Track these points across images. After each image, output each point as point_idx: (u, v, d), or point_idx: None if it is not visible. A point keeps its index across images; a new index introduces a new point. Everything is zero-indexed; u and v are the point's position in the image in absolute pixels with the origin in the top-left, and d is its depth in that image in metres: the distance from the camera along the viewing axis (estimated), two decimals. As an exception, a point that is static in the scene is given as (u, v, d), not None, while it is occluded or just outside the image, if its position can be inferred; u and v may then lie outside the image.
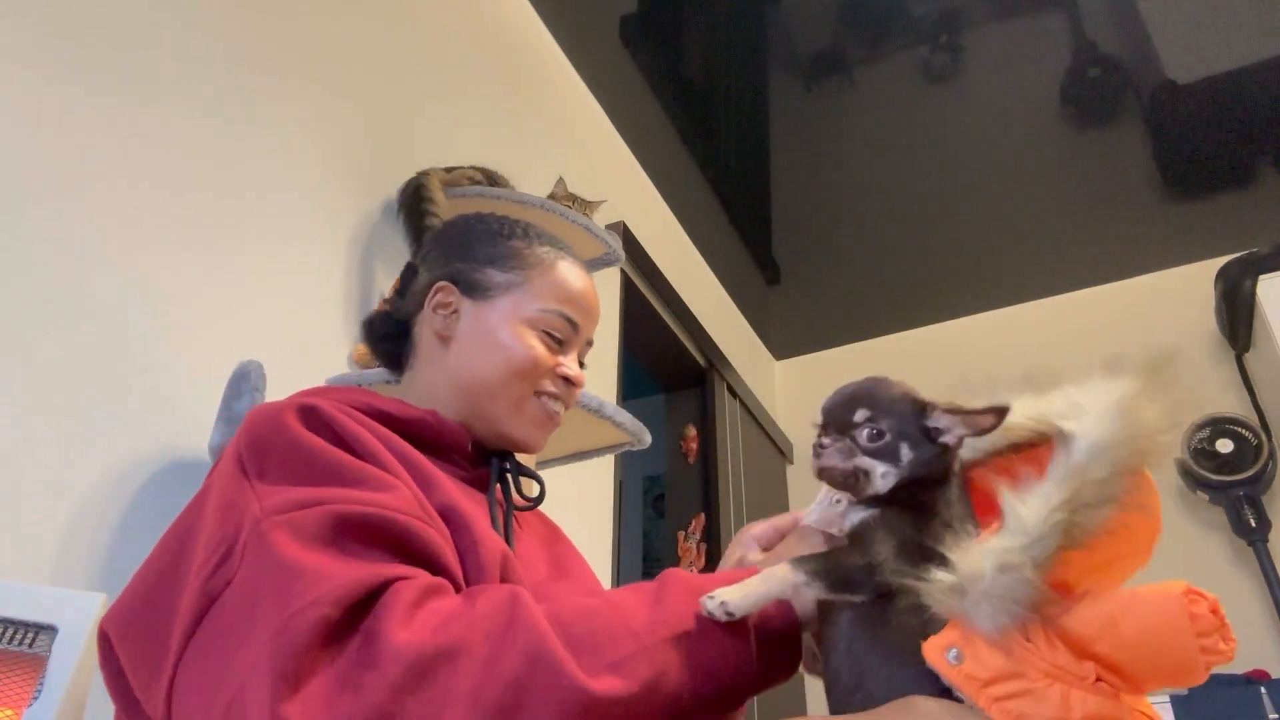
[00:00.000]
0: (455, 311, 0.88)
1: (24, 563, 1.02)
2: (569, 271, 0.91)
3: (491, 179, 1.83)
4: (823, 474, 0.65)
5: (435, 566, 0.61)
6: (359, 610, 0.54)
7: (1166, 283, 3.46)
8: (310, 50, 1.70)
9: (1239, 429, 2.95)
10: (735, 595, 0.61)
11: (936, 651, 0.54)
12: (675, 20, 2.64)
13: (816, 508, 0.74)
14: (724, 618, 0.60)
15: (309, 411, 0.68)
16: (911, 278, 3.59)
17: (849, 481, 0.64)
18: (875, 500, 0.64)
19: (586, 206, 1.99)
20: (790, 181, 3.16)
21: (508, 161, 1.97)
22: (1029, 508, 0.56)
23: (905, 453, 0.63)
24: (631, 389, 2.96)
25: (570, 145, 2.63)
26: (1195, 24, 2.55)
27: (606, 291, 2.59)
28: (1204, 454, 2.95)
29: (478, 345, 0.86)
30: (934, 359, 3.66)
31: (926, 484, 0.63)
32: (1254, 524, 2.83)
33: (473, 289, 0.89)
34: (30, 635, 0.84)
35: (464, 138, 2.06)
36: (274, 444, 0.65)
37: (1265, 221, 3.16)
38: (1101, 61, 2.70)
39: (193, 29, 1.46)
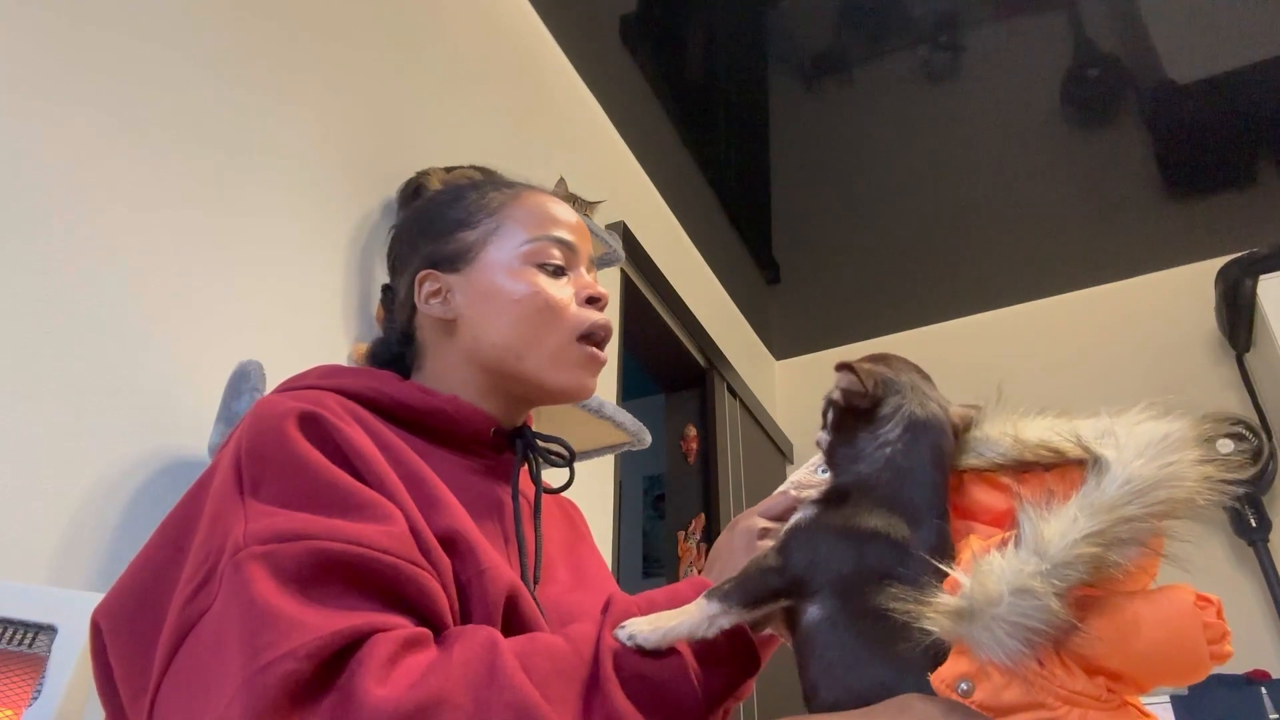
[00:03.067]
0: (448, 292, 0.82)
1: (24, 563, 1.01)
2: (538, 197, 0.85)
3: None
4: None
5: (422, 612, 0.58)
6: (334, 665, 0.51)
7: (1166, 283, 3.46)
8: (310, 50, 1.70)
9: (1239, 429, 2.95)
10: (645, 628, 0.60)
11: (946, 686, 0.51)
12: (675, 20, 2.64)
13: (801, 470, 0.77)
14: (635, 649, 0.59)
15: (311, 421, 0.65)
16: (911, 278, 3.58)
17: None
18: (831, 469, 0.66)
19: (586, 206, 1.99)
20: (790, 181, 3.16)
21: (508, 161, 1.97)
22: (1052, 529, 0.52)
23: (830, 417, 0.66)
24: (631, 389, 2.96)
25: (570, 145, 2.63)
26: (1195, 24, 2.55)
27: (607, 291, 2.59)
28: (1204, 454, 2.95)
29: (484, 310, 0.80)
30: (934, 359, 3.62)
31: (848, 452, 0.64)
32: (1254, 524, 2.83)
33: (453, 261, 0.83)
34: (30, 635, 0.84)
35: (464, 138, 2.06)
36: (272, 456, 0.62)
37: (1265, 221, 3.16)
38: (1101, 61, 2.70)
39: (192, 28, 1.45)
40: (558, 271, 0.82)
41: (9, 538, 1.01)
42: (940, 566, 0.54)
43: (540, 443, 0.85)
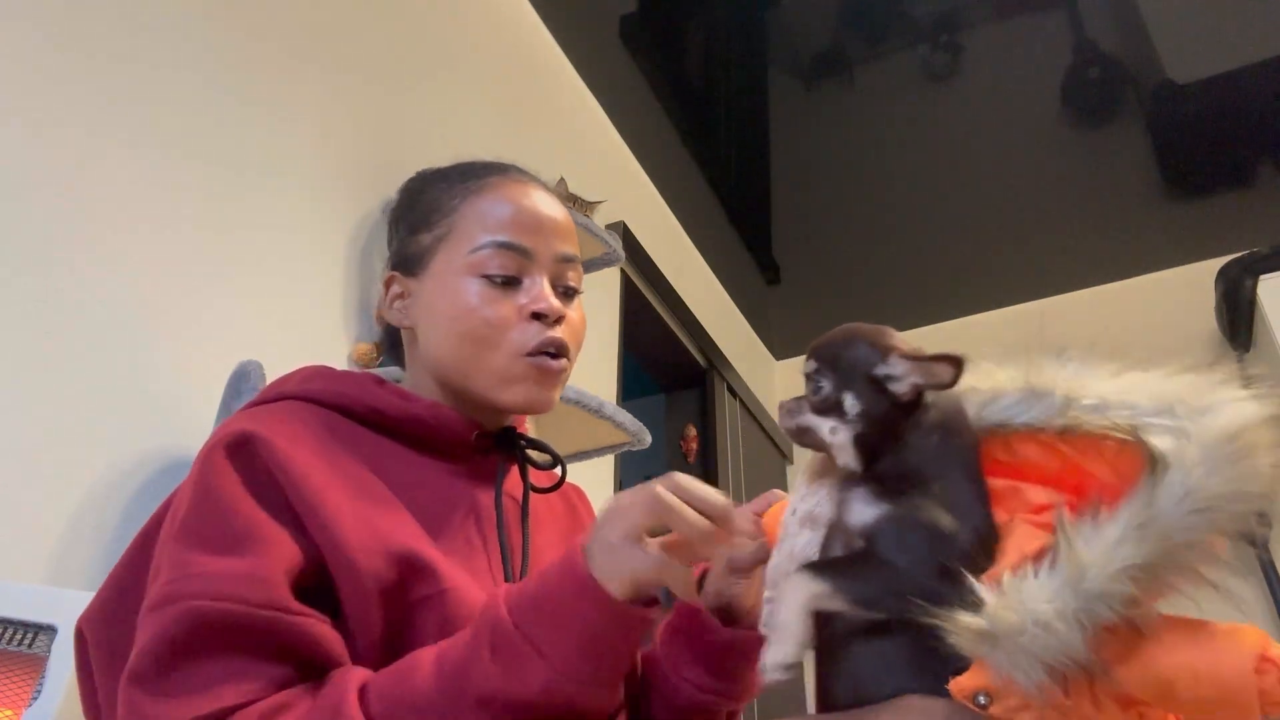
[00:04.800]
0: (408, 298, 0.79)
1: (23, 563, 1.01)
2: (500, 191, 0.78)
3: (491, 179, 1.82)
4: (781, 426, 0.60)
5: (304, 656, 0.58)
6: None
7: (1166, 283, 3.46)
8: (311, 51, 1.70)
9: (1239, 429, 2.95)
10: (771, 657, 0.53)
11: (963, 695, 0.49)
12: (675, 20, 2.64)
13: (796, 533, 0.60)
14: (786, 675, 0.53)
15: (241, 447, 0.64)
16: (912, 278, 3.58)
17: (807, 441, 0.58)
18: (850, 477, 0.57)
19: (586, 207, 1.99)
20: (790, 181, 3.16)
21: (508, 161, 1.97)
22: (1091, 554, 0.46)
23: (851, 405, 0.55)
24: (631, 389, 2.96)
25: (570, 145, 2.63)
26: (1195, 24, 2.55)
27: (606, 291, 2.59)
28: (1204, 454, 2.95)
29: (430, 325, 0.77)
30: (934, 359, 3.65)
31: (886, 441, 0.55)
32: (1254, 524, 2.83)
33: (411, 265, 0.79)
34: (30, 635, 0.84)
35: (464, 138, 2.06)
36: (194, 488, 0.63)
37: (1265, 221, 3.16)
38: (1101, 61, 2.70)
39: (192, 29, 1.45)
40: (507, 282, 0.75)
41: (9, 538, 1.01)
42: (970, 582, 0.48)
43: (526, 445, 0.82)
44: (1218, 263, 3.10)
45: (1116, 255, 3.44)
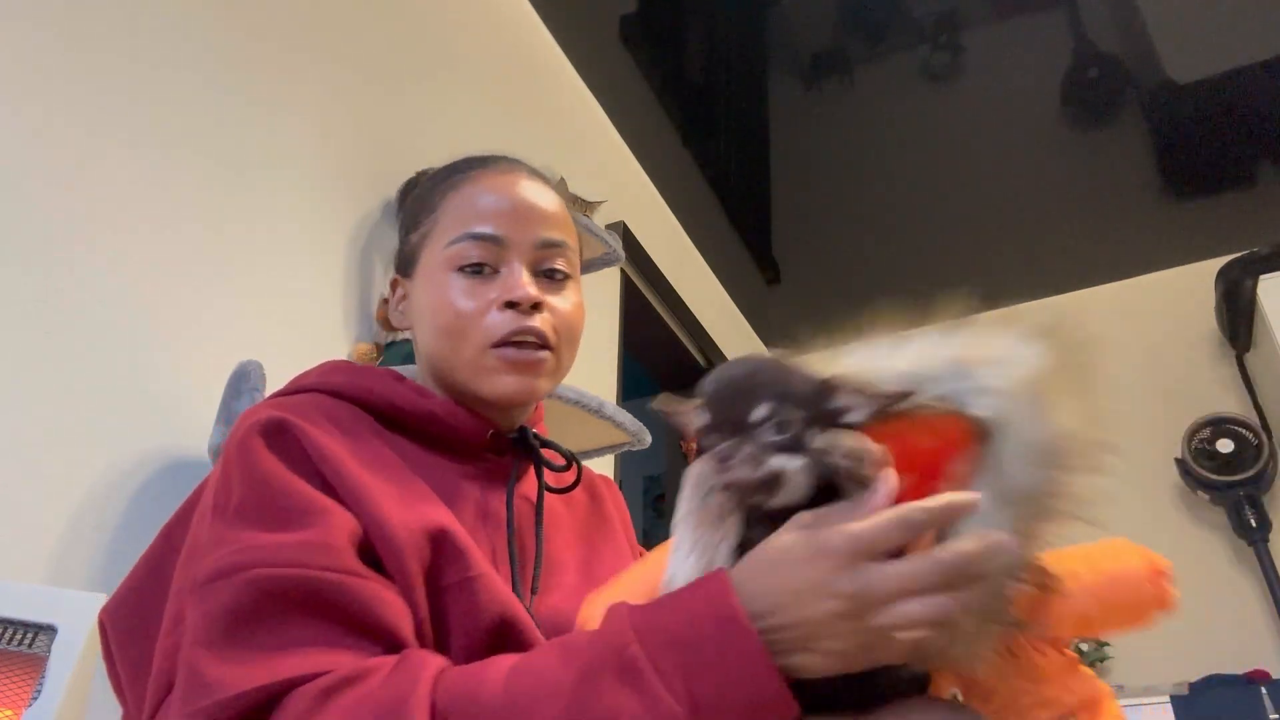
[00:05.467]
0: (407, 298, 0.81)
1: (24, 563, 1.01)
2: (478, 183, 0.78)
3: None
4: (730, 488, 0.52)
5: (369, 625, 0.56)
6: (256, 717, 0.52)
7: (1166, 283, 3.46)
8: (310, 50, 1.70)
9: (1239, 429, 2.95)
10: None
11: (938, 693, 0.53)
12: (675, 20, 2.64)
13: (691, 559, 0.54)
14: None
15: (276, 429, 0.64)
16: (911, 277, 3.58)
17: (761, 490, 0.51)
18: (783, 512, 0.52)
19: (586, 207, 1.99)
20: (790, 181, 3.16)
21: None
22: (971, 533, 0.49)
23: (815, 442, 0.51)
24: (631, 389, 2.96)
25: (570, 145, 2.63)
26: (1195, 24, 2.55)
27: (606, 291, 2.59)
28: (1204, 454, 2.96)
29: (420, 323, 0.78)
30: (934, 359, 3.65)
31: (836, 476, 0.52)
32: (1254, 524, 2.83)
33: (405, 266, 0.80)
34: (30, 635, 0.84)
35: (464, 138, 2.06)
36: (235, 470, 0.63)
37: (1265, 221, 3.16)
38: (1101, 61, 2.70)
39: (192, 29, 1.45)
40: (480, 271, 0.74)
41: (9, 538, 1.01)
42: None
43: (541, 445, 0.81)
44: (1218, 263, 3.10)
45: (1116, 255, 3.44)
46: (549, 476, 0.81)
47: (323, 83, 1.70)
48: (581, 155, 2.68)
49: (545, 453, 0.81)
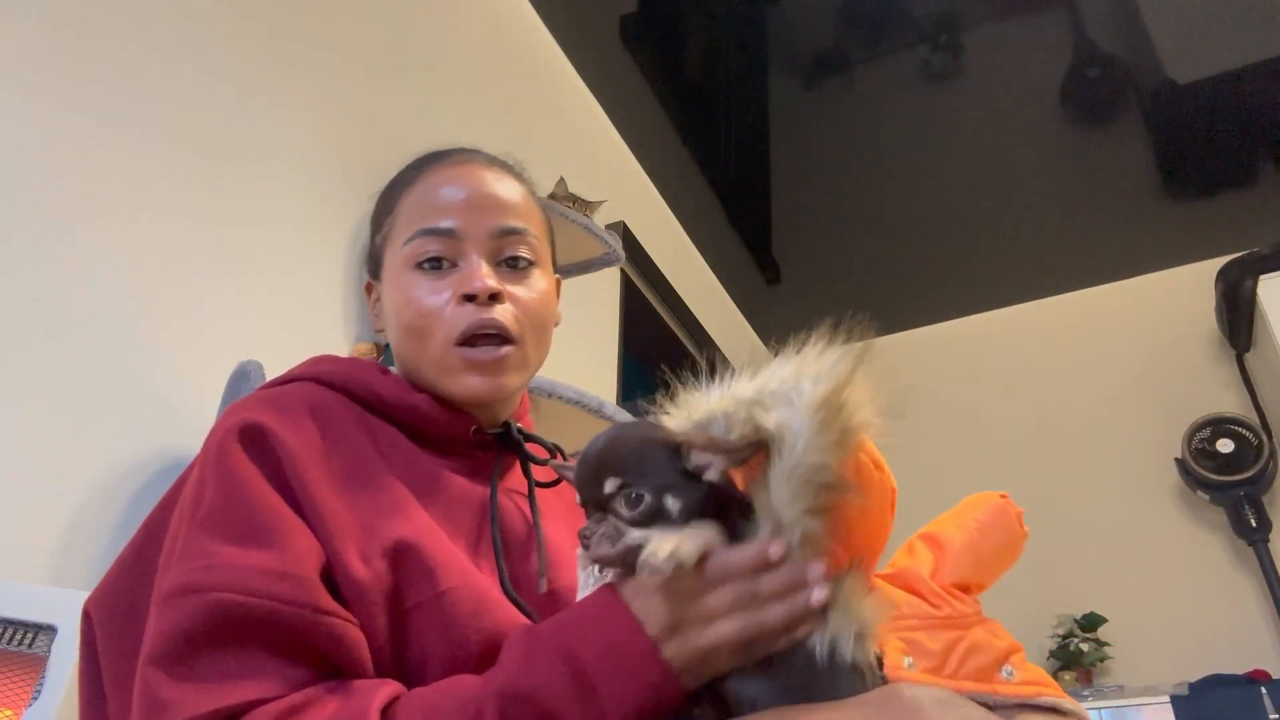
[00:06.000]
0: (379, 300, 0.81)
1: (24, 563, 1.01)
2: (431, 179, 0.77)
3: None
4: (600, 563, 0.56)
5: (325, 659, 0.57)
6: None
7: (1166, 283, 3.46)
8: (310, 51, 1.70)
9: (1239, 429, 2.95)
10: (679, 544, 0.52)
11: (897, 669, 0.57)
12: (675, 20, 2.64)
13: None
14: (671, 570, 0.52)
15: (252, 434, 0.63)
16: (912, 278, 3.58)
17: (626, 563, 0.54)
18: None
19: (586, 206, 1.99)
20: (790, 181, 3.16)
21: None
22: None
23: (672, 505, 0.55)
24: (631, 389, 2.96)
25: (570, 145, 2.63)
26: (1195, 24, 2.55)
27: (606, 291, 2.59)
28: (1204, 454, 2.96)
29: (389, 323, 0.77)
30: (935, 360, 3.66)
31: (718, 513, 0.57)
32: (1254, 524, 2.83)
33: (374, 268, 0.81)
34: (30, 635, 0.84)
35: (464, 138, 2.05)
36: (211, 475, 0.62)
37: (1265, 221, 3.16)
38: (1101, 61, 2.70)
39: (192, 29, 1.45)
40: (438, 265, 0.74)
41: (9, 538, 1.01)
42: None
43: (526, 440, 0.80)
44: (1218, 263, 3.10)
45: (1116, 255, 3.44)
46: (535, 471, 0.80)
47: (323, 83, 1.70)
48: (581, 155, 2.68)
49: (530, 447, 0.80)
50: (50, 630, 0.84)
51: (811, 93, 2.84)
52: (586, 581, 0.61)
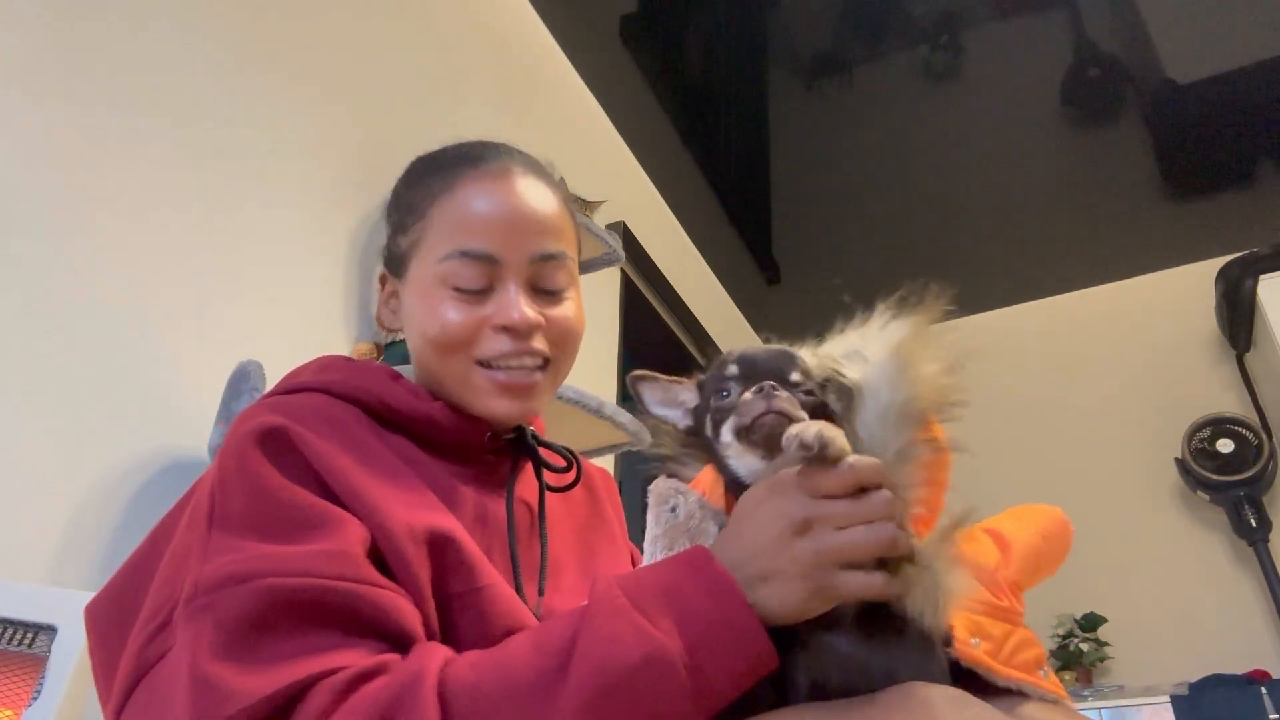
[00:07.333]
0: (397, 298, 0.78)
1: (24, 563, 1.01)
2: (468, 190, 0.73)
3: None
4: (765, 418, 0.57)
5: (384, 631, 0.56)
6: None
7: (1166, 283, 3.46)
8: (309, 52, 1.70)
9: (1239, 429, 2.95)
10: (827, 430, 0.53)
11: (964, 644, 0.58)
12: (675, 20, 2.64)
13: (659, 530, 0.62)
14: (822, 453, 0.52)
15: (274, 436, 0.62)
16: (912, 278, 3.58)
17: (774, 437, 0.56)
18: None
19: (586, 206, 1.99)
20: (790, 181, 3.16)
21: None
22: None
23: (832, 405, 0.61)
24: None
25: (570, 145, 2.62)
26: (1195, 24, 2.55)
27: (606, 291, 2.59)
28: (1204, 454, 2.96)
29: (410, 328, 0.76)
30: (934, 359, 3.65)
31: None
32: (1254, 524, 2.84)
33: (396, 266, 0.77)
34: (30, 635, 0.84)
35: (464, 138, 2.06)
36: (233, 480, 0.61)
37: (1265, 221, 3.16)
38: (1101, 61, 2.70)
39: (192, 32, 1.45)
40: (473, 293, 0.71)
41: (9, 538, 1.01)
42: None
43: (540, 445, 0.79)
44: (1218, 263, 3.11)
45: (1116, 255, 3.44)
46: (548, 475, 0.79)
47: (323, 83, 1.70)
48: (581, 155, 2.68)
49: (544, 453, 0.80)
50: (50, 630, 0.84)
51: (811, 93, 2.84)
52: (659, 517, 0.63)
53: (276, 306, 1.47)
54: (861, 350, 0.60)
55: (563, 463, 0.80)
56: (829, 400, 0.60)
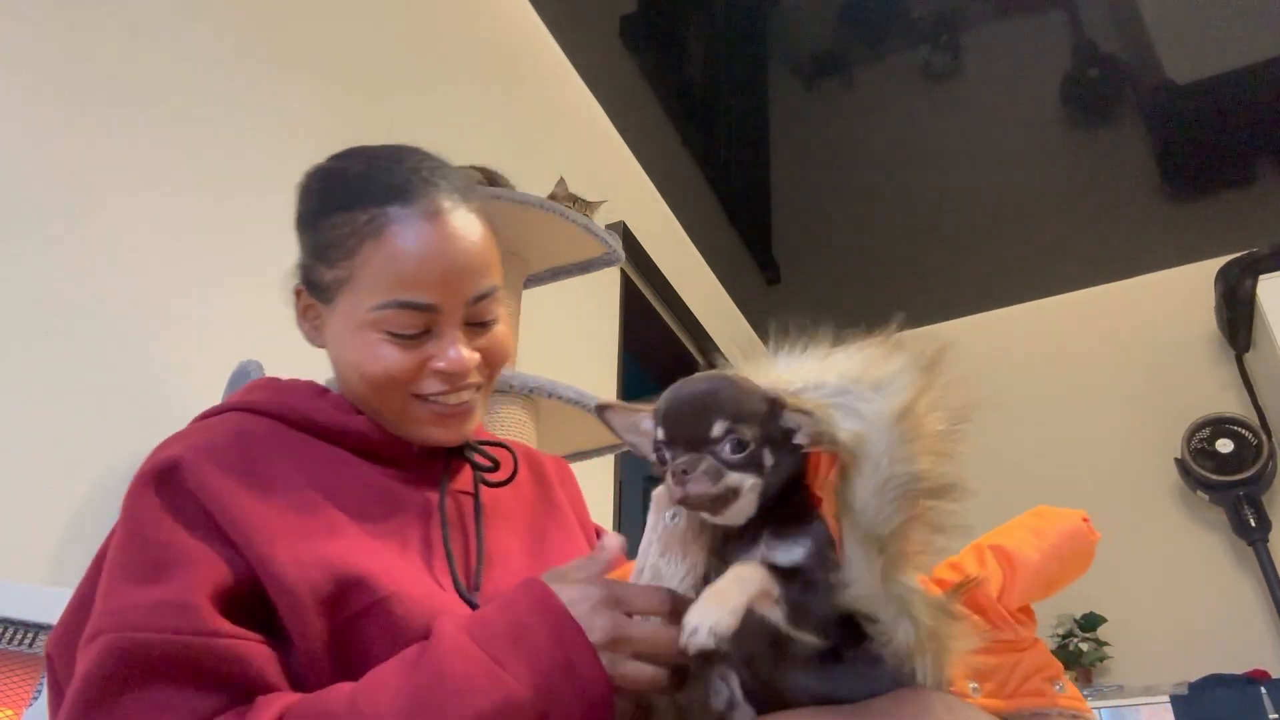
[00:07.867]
0: (317, 318, 0.79)
1: (24, 563, 1.01)
2: (401, 237, 0.71)
3: (492, 179, 1.82)
4: (687, 501, 0.54)
5: (227, 681, 0.57)
6: None
7: (1166, 283, 3.47)
8: (309, 50, 1.70)
9: (1239, 429, 2.95)
10: (716, 615, 0.50)
11: (964, 694, 0.57)
12: (675, 20, 2.64)
13: (652, 545, 0.61)
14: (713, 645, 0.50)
15: (167, 477, 0.64)
16: (911, 278, 3.58)
17: (716, 505, 0.54)
18: (731, 531, 0.57)
19: (586, 206, 1.99)
20: (790, 181, 3.16)
21: (508, 161, 1.97)
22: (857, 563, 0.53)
23: (768, 460, 0.54)
24: (631, 389, 2.96)
25: (570, 145, 2.63)
26: (1195, 24, 2.55)
27: (606, 291, 2.59)
28: (1204, 454, 2.96)
29: (337, 357, 0.76)
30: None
31: (785, 492, 0.56)
32: (1254, 524, 2.84)
33: (316, 290, 0.78)
34: (30, 635, 0.84)
35: (464, 137, 2.06)
36: (121, 521, 0.64)
37: (1265, 221, 3.16)
38: (1101, 61, 2.70)
39: (191, 31, 1.45)
40: (413, 337, 0.71)
41: (9, 538, 1.01)
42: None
43: (471, 448, 0.80)
44: (1218, 263, 3.11)
45: (1116, 255, 3.45)
46: (487, 468, 0.80)
47: (323, 83, 1.70)
48: (581, 155, 2.68)
49: (476, 457, 0.80)
50: (50, 630, 0.84)
51: (811, 93, 2.84)
52: (656, 524, 0.61)
53: (276, 306, 1.47)
54: (857, 402, 0.54)
55: (490, 464, 0.80)
56: (763, 457, 0.54)
